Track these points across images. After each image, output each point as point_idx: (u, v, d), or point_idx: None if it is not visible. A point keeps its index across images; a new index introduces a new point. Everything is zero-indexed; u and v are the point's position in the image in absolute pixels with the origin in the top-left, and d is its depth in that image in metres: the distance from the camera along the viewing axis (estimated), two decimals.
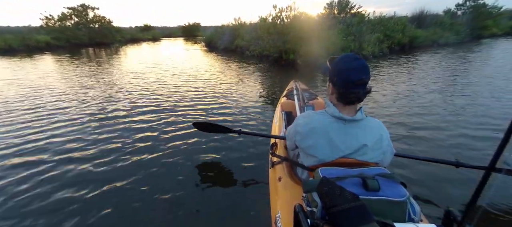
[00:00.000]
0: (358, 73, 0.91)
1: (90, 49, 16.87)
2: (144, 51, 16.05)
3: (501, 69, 6.65)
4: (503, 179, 0.91)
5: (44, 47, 16.20)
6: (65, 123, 3.44)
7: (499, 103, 3.99)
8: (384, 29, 11.67)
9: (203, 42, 18.58)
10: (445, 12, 20.06)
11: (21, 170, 2.32)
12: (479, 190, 0.84)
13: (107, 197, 1.94)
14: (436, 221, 0.82)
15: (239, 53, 12.45)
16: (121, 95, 4.87)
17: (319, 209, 0.78)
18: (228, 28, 14.72)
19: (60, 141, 2.90)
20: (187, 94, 4.89)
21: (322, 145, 0.97)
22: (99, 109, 4.01)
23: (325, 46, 7.85)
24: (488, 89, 4.79)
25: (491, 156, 0.85)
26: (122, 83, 6.05)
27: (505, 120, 3.25)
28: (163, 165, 2.37)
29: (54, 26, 18.92)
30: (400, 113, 3.68)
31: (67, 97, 4.71)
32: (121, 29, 24.96)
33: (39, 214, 1.77)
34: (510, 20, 23.19)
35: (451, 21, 15.88)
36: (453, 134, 2.96)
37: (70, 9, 19.79)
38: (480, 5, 19.83)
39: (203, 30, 31.10)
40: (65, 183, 2.12)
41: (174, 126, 3.31)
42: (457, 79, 5.79)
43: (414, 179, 2.07)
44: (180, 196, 1.92)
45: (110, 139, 2.93)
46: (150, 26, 38.03)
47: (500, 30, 20.16)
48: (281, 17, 8.66)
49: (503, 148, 0.81)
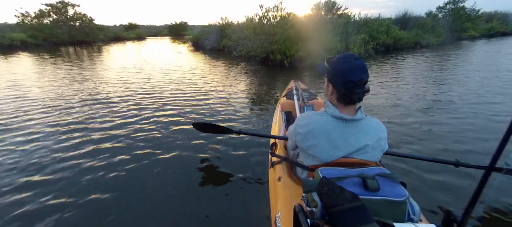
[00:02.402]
0: (358, 73, 0.91)
1: (70, 48, 16.16)
2: (128, 50, 15.55)
3: (489, 68, 6.92)
4: (503, 179, 0.92)
5: (19, 46, 15.34)
6: (50, 128, 3.22)
7: (497, 104, 4.04)
8: (370, 30, 11.89)
9: (190, 42, 18.25)
10: (427, 15, 20.76)
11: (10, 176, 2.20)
12: (479, 190, 0.83)
13: (107, 197, 1.90)
14: (436, 221, 0.82)
15: (227, 53, 12.28)
16: (113, 97, 4.65)
17: (319, 209, 0.78)
18: (214, 27, 14.49)
19: (57, 145, 2.74)
20: (182, 96, 4.75)
21: (323, 145, 0.97)
22: (90, 113, 3.80)
23: (313, 47, 7.85)
24: (480, 88, 4.92)
25: (491, 156, 0.84)
26: (110, 84, 5.77)
27: (505, 120, 3.31)
28: (163, 165, 2.33)
29: (31, 24, 17.99)
30: (396, 113, 3.68)
31: (50, 99, 4.46)
32: (104, 28, 24.15)
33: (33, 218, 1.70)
34: (487, 23, 24.39)
35: (433, 24, 16.42)
36: (453, 134, 2.96)
37: (49, 6, 18.89)
38: (459, 8, 20.72)
39: (190, 29, 30.64)
40: (62, 186, 2.05)
41: (172, 127, 3.23)
42: (450, 79, 5.92)
43: (414, 179, 2.06)
44: (180, 196, 1.91)
45: (109, 141, 2.84)
46: (135, 25, 37.07)
47: (477, 32, 21.15)
48: (268, 17, 8.58)
49: (503, 148, 0.80)
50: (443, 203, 1.79)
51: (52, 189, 1.99)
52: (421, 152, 2.55)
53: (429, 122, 3.34)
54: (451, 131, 3.04)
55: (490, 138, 2.83)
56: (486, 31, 22.53)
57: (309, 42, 7.99)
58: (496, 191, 1.75)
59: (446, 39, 16.35)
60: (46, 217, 1.70)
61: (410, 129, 3.10)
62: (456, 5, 20.88)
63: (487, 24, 24.19)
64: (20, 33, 16.49)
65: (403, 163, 2.23)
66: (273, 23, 8.52)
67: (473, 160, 2.04)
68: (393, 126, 3.22)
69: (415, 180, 2.05)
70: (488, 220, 1.65)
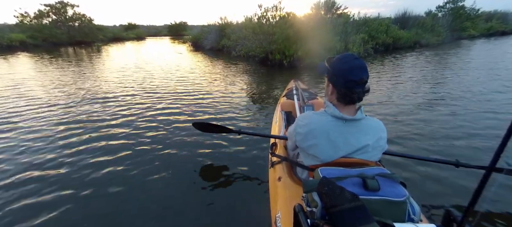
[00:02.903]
0: (359, 73, 0.91)
1: (69, 48, 16.13)
2: (127, 50, 15.52)
3: (490, 67, 6.90)
4: (503, 179, 0.89)
5: (18, 46, 15.31)
6: (52, 126, 3.22)
7: (497, 103, 4.03)
8: (369, 30, 11.87)
9: (189, 42, 18.23)
10: (427, 14, 20.74)
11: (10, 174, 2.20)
12: (479, 190, 0.83)
13: (105, 197, 1.90)
14: (436, 221, 0.81)
15: (226, 53, 12.24)
16: (111, 97, 4.63)
17: (319, 209, 0.77)
18: (214, 27, 14.46)
19: (54, 145, 2.74)
20: (182, 96, 4.73)
21: (323, 145, 0.97)
22: (91, 112, 3.80)
23: (312, 47, 7.83)
24: (481, 87, 4.88)
25: (491, 156, 0.84)
26: (108, 83, 5.75)
27: (504, 120, 3.27)
28: (163, 165, 2.32)
29: (30, 24, 17.97)
30: (396, 113, 3.67)
31: (48, 99, 4.45)
32: (103, 28, 24.13)
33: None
34: (487, 22, 24.38)
35: (433, 23, 16.40)
36: (453, 133, 2.95)
37: (48, 6, 18.86)
38: (459, 8, 20.70)
39: (190, 29, 30.61)
40: (60, 186, 2.03)
41: (172, 126, 3.22)
42: (449, 78, 5.88)
43: (414, 179, 2.06)
44: (180, 196, 1.90)
45: (108, 140, 2.84)
46: (135, 25, 37.00)
47: (477, 31, 21.13)
48: (266, 17, 8.56)
49: (503, 148, 0.80)
50: (443, 203, 1.79)
51: (52, 188, 2.00)
52: (421, 152, 2.53)
53: (429, 121, 3.32)
54: (452, 131, 3.01)
55: (490, 137, 2.81)
56: (485, 31, 22.52)
57: (308, 42, 7.97)
58: (496, 191, 1.74)
59: (445, 38, 16.32)
60: (44, 214, 1.71)
61: (410, 129, 3.08)
62: (456, 4, 20.87)
63: (486, 23, 24.17)
64: (19, 33, 16.45)
65: (403, 163, 2.22)
66: (272, 23, 8.50)
67: (474, 159, 2.04)
68: (393, 125, 3.20)
69: (415, 180, 2.04)
70: (488, 220, 1.64)
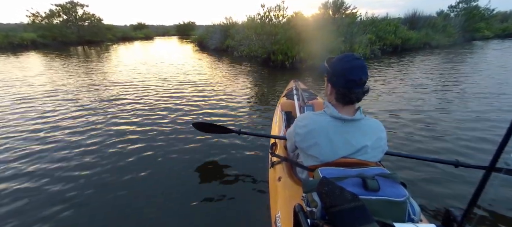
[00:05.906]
0: (358, 73, 0.91)
1: (79, 47, 16.50)
2: (135, 50, 15.74)
3: (497, 70, 6.66)
4: (503, 179, 0.91)
5: (29, 45, 15.75)
6: (57, 124, 3.32)
7: (498, 104, 3.98)
8: (376, 30, 11.59)
9: (195, 42, 18.34)
10: (438, 14, 20.13)
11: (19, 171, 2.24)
12: (479, 190, 0.83)
13: (106, 198, 1.90)
14: (436, 221, 0.82)
15: (230, 53, 12.22)
16: (114, 96, 4.68)
17: (319, 209, 0.78)
18: (218, 27, 14.47)
19: (54, 145, 2.76)
20: (183, 95, 4.74)
21: (323, 145, 0.97)
22: (94, 110, 3.87)
23: (315, 48, 7.67)
24: (487, 90, 4.80)
25: (491, 156, 0.84)
26: (116, 83, 5.83)
27: (504, 120, 3.25)
28: (163, 165, 2.33)
29: (41, 24, 18.47)
30: (396, 113, 3.66)
31: (58, 97, 4.58)
32: (113, 27, 24.58)
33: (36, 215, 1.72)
34: (502, 23, 23.46)
35: (444, 23, 15.89)
36: (453, 133, 2.92)
37: (58, 6, 19.35)
38: (472, 8, 19.98)
39: (197, 29, 30.85)
40: (60, 185, 2.05)
41: (172, 126, 3.22)
42: (454, 80, 5.75)
43: (414, 179, 2.05)
44: (180, 196, 1.90)
45: (108, 139, 2.85)
46: (144, 25, 37.61)
47: (492, 32, 20.34)
48: (269, 17, 8.46)
49: (503, 148, 0.80)
50: (443, 203, 1.79)
51: (51, 187, 2.02)
52: (421, 152, 2.51)
53: (429, 121, 3.31)
54: (452, 131, 3.00)
55: (490, 138, 2.78)
56: (501, 31, 21.64)
57: (311, 43, 7.82)
58: (496, 191, 1.76)
59: (457, 39, 15.80)
60: (43, 212, 1.74)
61: (410, 129, 3.08)
62: (469, 4, 20.15)
63: (502, 24, 23.27)
64: (30, 33, 16.94)
65: (403, 163, 2.21)
66: (275, 23, 8.39)
67: (474, 159, 2.00)
68: (393, 126, 3.18)
69: (415, 180, 2.03)
70: (488, 220, 1.63)
